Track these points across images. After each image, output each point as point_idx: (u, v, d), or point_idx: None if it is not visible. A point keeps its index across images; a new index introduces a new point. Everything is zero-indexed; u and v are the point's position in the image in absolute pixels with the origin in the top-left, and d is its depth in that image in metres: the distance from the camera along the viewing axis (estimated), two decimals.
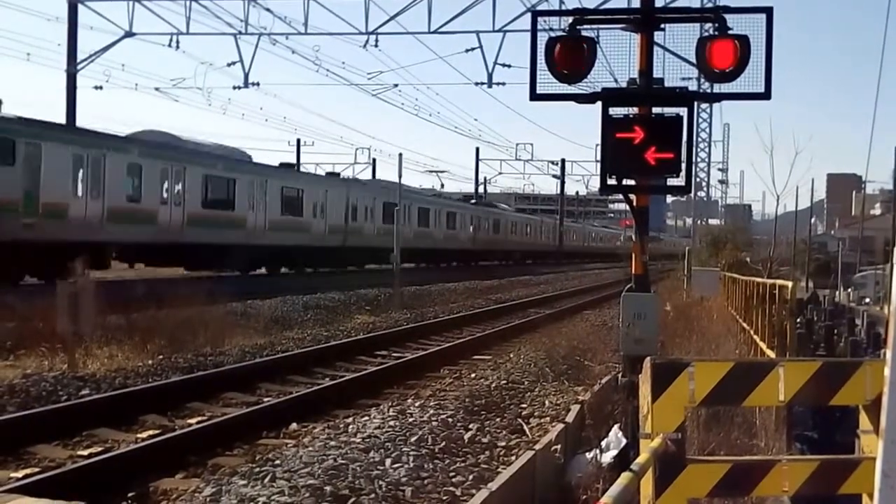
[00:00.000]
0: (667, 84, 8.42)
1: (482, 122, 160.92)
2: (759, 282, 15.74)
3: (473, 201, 72.18)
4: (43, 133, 25.86)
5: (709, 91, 9.64)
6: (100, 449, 9.11)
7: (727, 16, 7.92)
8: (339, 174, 52.41)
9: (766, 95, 7.89)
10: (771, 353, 11.34)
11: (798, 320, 16.45)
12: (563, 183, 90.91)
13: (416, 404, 10.53)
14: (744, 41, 7.81)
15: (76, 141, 27.47)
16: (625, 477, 3.82)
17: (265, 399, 12.15)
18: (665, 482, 4.56)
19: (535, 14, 8.64)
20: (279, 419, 10.62)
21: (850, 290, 48.65)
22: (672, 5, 9.49)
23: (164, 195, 30.46)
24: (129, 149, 29.60)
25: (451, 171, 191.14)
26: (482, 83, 36.45)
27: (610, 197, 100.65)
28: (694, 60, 8.09)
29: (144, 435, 9.76)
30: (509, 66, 36.19)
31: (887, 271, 46.15)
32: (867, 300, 43.36)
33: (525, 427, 9.75)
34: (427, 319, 23.51)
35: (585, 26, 8.19)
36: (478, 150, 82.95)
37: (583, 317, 26.64)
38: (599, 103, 8.13)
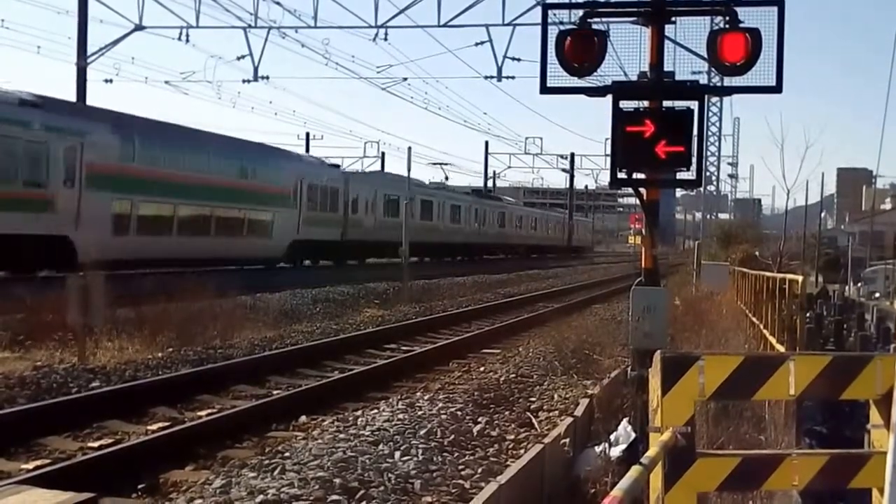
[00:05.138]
0: (677, 77, 8.40)
1: (491, 116, 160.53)
2: (768, 276, 15.69)
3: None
4: None
5: (719, 84, 9.59)
6: (110, 441, 9.14)
7: (738, 9, 7.89)
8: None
9: (777, 89, 7.86)
10: (780, 348, 11.31)
11: (808, 315, 16.40)
12: (572, 177, 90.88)
13: (425, 397, 10.56)
14: (755, 34, 7.79)
15: None
16: (634, 470, 3.81)
17: (275, 392, 12.19)
18: (675, 476, 4.56)
19: (546, 7, 8.61)
20: (289, 412, 10.66)
21: (859, 285, 48.50)
22: None
23: None
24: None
25: (459, 165, 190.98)
26: (491, 77, 36.30)
27: (620, 191, 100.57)
28: (705, 54, 8.07)
29: (154, 427, 9.80)
30: (519, 59, 36.06)
31: None
32: (877, 295, 43.22)
33: (534, 421, 9.76)
34: (436, 313, 23.54)
35: (596, 19, 8.17)
36: (487, 143, 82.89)
37: (592, 311, 26.63)
38: (610, 97, 8.12)
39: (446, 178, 69.98)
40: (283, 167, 35.48)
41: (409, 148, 33.11)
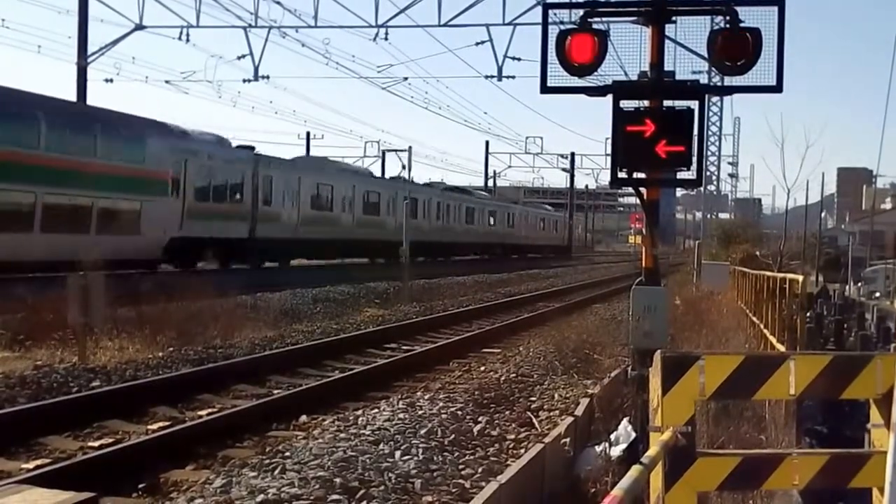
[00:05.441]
0: (678, 77, 8.40)
1: (492, 116, 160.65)
2: (769, 276, 15.71)
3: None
4: None
5: (720, 84, 9.60)
6: (110, 440, 9.15)
7: (739, 8, 7.90)
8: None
9: (777, 88, 7.87)
10: (781, 348, 11.31)
11: (808, 314, 16.40)
12: (572, 177, 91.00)
13: (426, 397, 10.55)
14: (755, 34, 7.80)
15: None
16: (635, 470, 3.82)
17: (275, 391, 12.19)
18: (675, 475, 4.56)
19: (546, 6, 8.62)
20: (289, 411, 10.66)
21: (860, 284, 48.45)
22: None
23: None
24: None
25: (460, 165, 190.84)
26: (492, 76, 36.42)
27: (620, 190, 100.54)
28: (705, 53, 8.08)
29: (155, 426, 9.80)
30: (519, 59, 36.15)
31: None
32: (877, 294, 43.18)
33: (534, 420, 9.76)
34: (436, 312, 23.54)
35: (596, 19, 8.18)
36: (487, 143, 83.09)
37: (592, 310, 26.64)
38: (610, 96, 8.13)
39: (403, 168, 60.15)
40: (157, 144, 27.86)
41: (410, 147, 33.19)
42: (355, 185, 42.88)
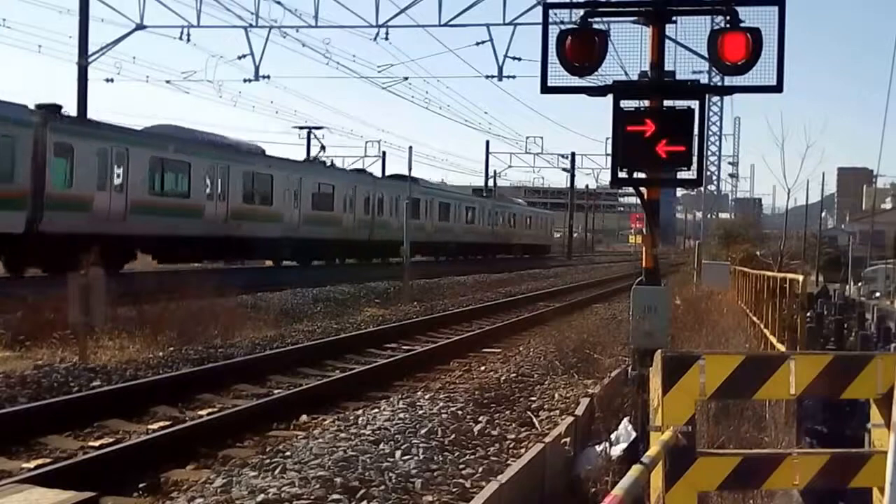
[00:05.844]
0: (678, 77, 8.41)
1: (492, 116, 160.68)
2: (769, 275, 15.71)
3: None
4: None
5: (720, 84, 9.61)
6: (111, 440, 9.15)
7: (739, 8, 7.92)
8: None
9: (778, 88, 7.88)
10: (781, 347, 11.31)
11: (808, 314, 16.38)
12: (573, 176, 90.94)
13: (426, 397, 10.55)
14: (756, 34, 7.81)
15: None
16: (635, 469, 3.82)
17: (275, 391, 12.19)
18: (675, 475, 4.57)
19: (547, 6, 8.63)
20: (289, 411, 10.66)
21: (860, 284, 48.44)
22: None
23: None
24: None
25: (459, 165, 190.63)
26: (492, 76, 36.43)
27: (620, 190, 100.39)
28: (705, 53, 8.09)
29: (155, 426, 9.81)
30: (519, 58, 36.16)
31: None
32: (877, 294, 43.18)
33: (535, 420, 9.76)
34: (437, 312, 23.54)
35: (597, 19, 8.19)
36: (488, 143, 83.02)
37: (592, 310, 26.64)
38: (610, 96, 8.14)
39: (322, 149, 51.41)
40: None
41: (410, 147, 33.12)
42: (230, 164, 33.01)
